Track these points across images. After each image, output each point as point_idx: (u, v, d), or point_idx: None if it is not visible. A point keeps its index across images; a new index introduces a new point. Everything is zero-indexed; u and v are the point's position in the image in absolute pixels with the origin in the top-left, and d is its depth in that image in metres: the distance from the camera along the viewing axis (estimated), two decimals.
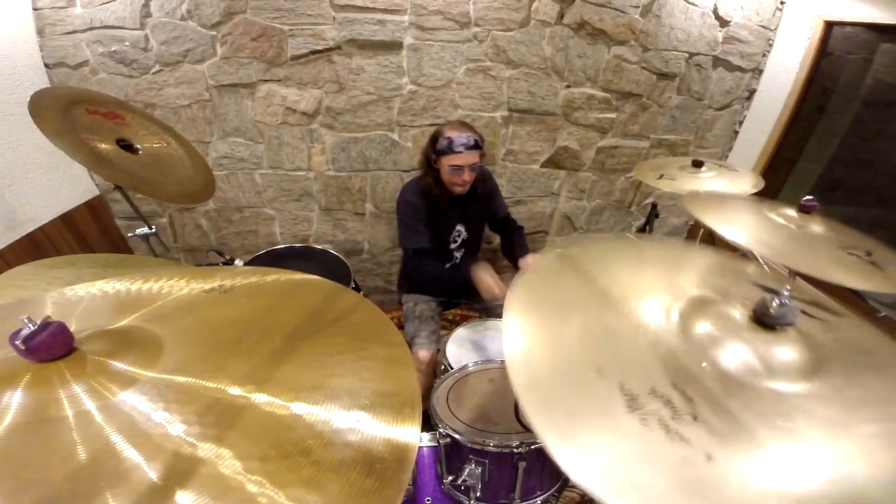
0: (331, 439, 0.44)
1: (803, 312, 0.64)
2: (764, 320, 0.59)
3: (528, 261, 1.68)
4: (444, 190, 1.72)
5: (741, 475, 0.43)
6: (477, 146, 1.61)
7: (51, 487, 0.36)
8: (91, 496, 0.36)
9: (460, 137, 1.58)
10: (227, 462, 0.39)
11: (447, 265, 1.88)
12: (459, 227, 1.85)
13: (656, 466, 0.44)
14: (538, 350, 0.58)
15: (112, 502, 0.36)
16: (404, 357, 0.57)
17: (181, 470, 0.38)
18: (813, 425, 0.49)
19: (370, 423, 0.46)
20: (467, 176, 1.63)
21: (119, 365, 0.47)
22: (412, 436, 0.45)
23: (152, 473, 0.38)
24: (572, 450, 0.46)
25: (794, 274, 0.96)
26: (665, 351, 0.58)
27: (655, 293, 0.68)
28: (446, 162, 1.62)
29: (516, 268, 1.78)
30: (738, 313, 0.62)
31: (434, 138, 1.66)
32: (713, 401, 0.51)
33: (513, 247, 1.88)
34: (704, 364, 0.55)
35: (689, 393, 0.51)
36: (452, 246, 1.87)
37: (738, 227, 1.03)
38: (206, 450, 0.40)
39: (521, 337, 0.60)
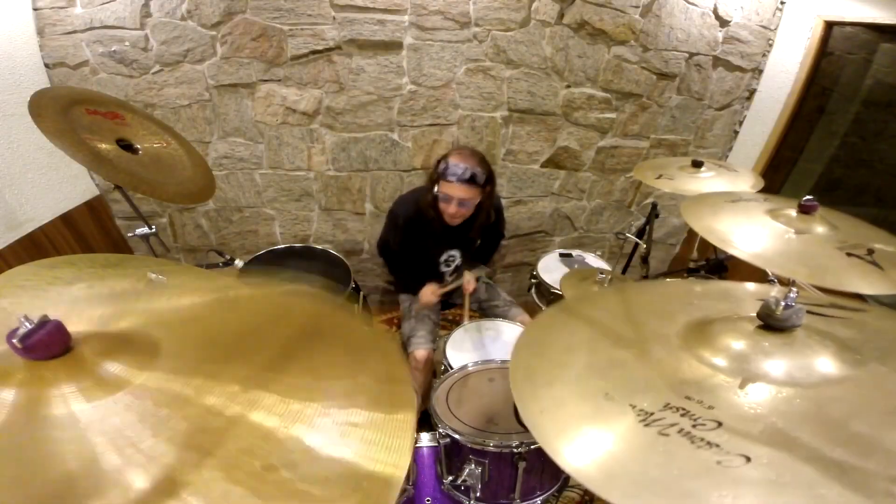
0: (318, 455, 0.43)
1: (818, 314, 0.64)
2: (771, 323, 0.59)
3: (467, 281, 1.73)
4: (437, 212, 1.65)
5: (791, 472, 0.42)
6: (473, 181, 1.49)
7: (33, 492, 0.36)
8: None
9: (457, 167, 1.48)
10: (211, 473, 0.39)
11: None
12: (453, 252, 1.81)
13: (686, 473, 0.43)
14: (545, 384, 0.58)
15: None
16: (403, 387, 0.55)
17: (166, 479, 0.38)
18: (860, 415, 0.47)
19: (361, 443, 0.45)
20: (454, 209, 1.52)
21: (113, 368, 0.46)
22: (401, 464, 0.44)
23: (138, 481, 0.37)
24: (592, 467, 0.45)
25: (792, 281, 0.95)
26: (672, 370, 0.58)
27: (655, 324, 0.69)
28: (441, 188, 1.56)
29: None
30: (744, 324, 0.62)
31: (439, 159, 1.60)
32: (736, 406, 0.50)
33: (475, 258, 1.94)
34: (742, 390, 0.53)
35: (707, 402, 0.51)
36: (444, 269, 1.84)
37: (734, 237, 1.01)
38: (190, 460, 0.40)
39: (528, 372, 0.60)
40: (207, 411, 0.45)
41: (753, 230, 1.03)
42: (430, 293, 1.70)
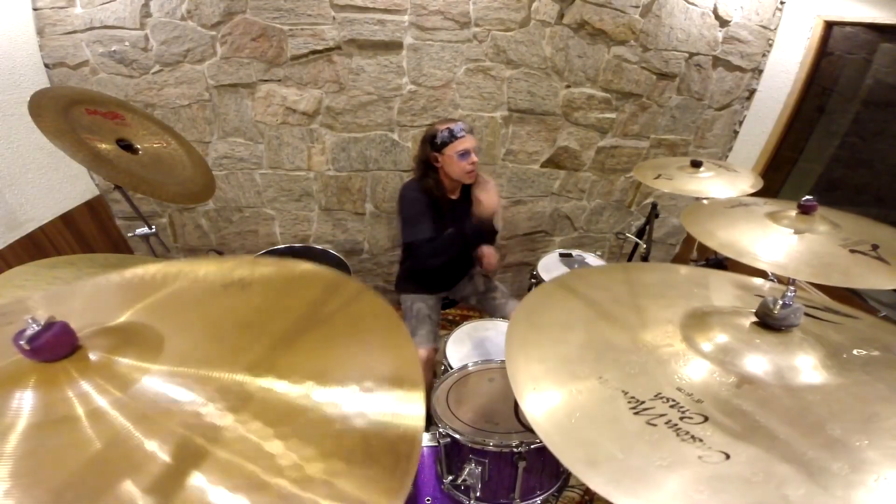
0: (340, 421, 0.45)
1: (812, 316, 0.64)
2: (768, 322, 0.59)
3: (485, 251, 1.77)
4: (443, 192, 1.72)
5: (765, 472, 0.42)
6: (472, 130, 1.69)
7: (68, 480, 0.37)
8: (110, 484, 0.37)
9: (458, 125, 1.64)
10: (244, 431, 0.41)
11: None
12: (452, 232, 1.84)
13: (668, 465, 0.43)
14: (540, 359, 0.59)
15: (132, 487, 0.37)
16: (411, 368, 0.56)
17: (187, 455, 0.39)
18: (838, 419, 0.48)
19: (375, 405, 0.47)
20: (475, 158, 1.67)
21: (125, 360, 0.47)
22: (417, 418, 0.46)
23: (167, 458, 0.39)
24: (578, 451, 0.46)
25: (793, 280, 0.95)
26: (667, 359, 0.58)
27: (654, 309, 0.69)
28: (452, 151, 1.63)
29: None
30: (741, 319, 0.62)
31: (431, 136, 1.66)
32: (724, 402, 0.50)
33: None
34: (732, 380, 0.54)
35: (697, 396, 0.51)
36: None
37: (737, 244, 1.01)
38: (226, 426, 0.41)
39: (523, 347, 0.61)
40: (223, 387, 0.46)
41: (754, 234, 1.03)
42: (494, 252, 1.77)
